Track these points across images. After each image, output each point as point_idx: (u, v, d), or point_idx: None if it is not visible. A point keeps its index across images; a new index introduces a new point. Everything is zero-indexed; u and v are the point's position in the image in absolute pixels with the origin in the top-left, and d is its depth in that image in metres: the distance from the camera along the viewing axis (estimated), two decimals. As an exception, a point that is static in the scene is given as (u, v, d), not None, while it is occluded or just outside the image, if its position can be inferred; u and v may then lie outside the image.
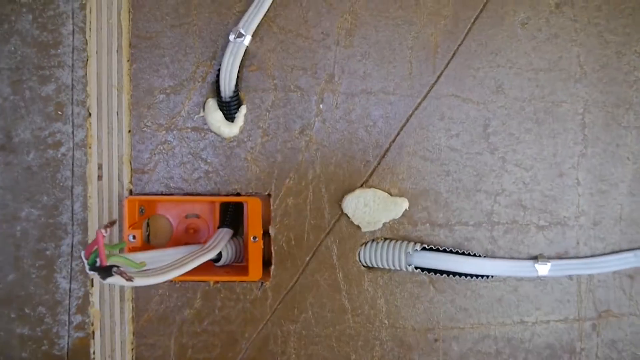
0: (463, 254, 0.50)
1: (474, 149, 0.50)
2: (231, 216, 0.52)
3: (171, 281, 0.50)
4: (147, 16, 0.48)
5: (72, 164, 0.49)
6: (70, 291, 0.50)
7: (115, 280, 0.37)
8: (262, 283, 0.50)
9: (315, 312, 0.50)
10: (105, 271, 0.37)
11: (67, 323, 0.50)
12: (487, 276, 0.50)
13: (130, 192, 0.49)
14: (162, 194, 0.49)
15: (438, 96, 0.50)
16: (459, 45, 0.50)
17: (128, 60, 0.49)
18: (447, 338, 0.51)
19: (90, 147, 0.49)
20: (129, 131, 0.49)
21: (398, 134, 0.50)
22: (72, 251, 0.50)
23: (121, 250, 0.46)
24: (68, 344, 0.50)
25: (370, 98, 0.49)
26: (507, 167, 0.50)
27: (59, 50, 0.49)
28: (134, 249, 0.48)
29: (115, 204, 0.49)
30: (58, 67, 0.49)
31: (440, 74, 0.50)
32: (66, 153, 0.49)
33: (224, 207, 0.54)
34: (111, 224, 0.36)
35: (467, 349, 0.51)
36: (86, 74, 0.49)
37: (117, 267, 0.36)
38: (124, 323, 0.50)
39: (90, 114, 0.49)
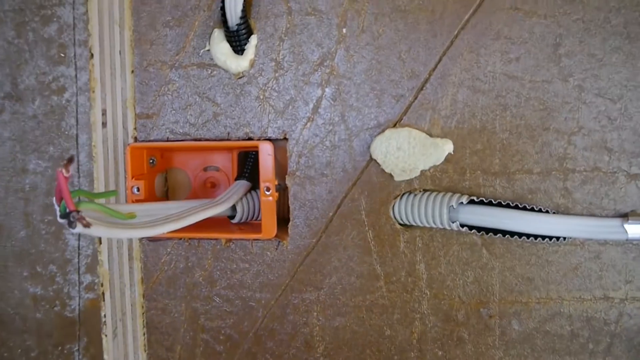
0: (525, 208, 0.40)
1: (540, 76, 0.39)
2: (250, 167, 0.46)
3: (179, 238, 0.44)
4: (147, -60, 0.43)
5: (77, 111, 0.45)
6: (79, 249, 0.46)
7: (81, 228, 0.32)
8: (279, 242, 0.43)
9: (342, 278, 0.42)
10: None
11: (77, 283, 0.47)
12: (559, 238, 0.40)
13: (135, 140, 0.44)
14: (167, 141, 0.44)
15: (492, 9, 0.39)
16: (519, -58, 0.39)
17: (129, -8, 0.44)
18: (505, 314, 0.41)
19: (93, 92, 0.45)
20: (132, 71, 0.44)
21: (440, 60, 0.40)
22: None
23: (108, 200, 0.42)
24: (79, 305, 0.47)
25: (404, 17, 0.40)
26: (586, 98, 0.39)
27: (60, -14, 0.45)
28: (137, 202, 0.43)
29: (121, 152, 0.45)
30: (59, 5, 0.45)
31: (495, -19, 0.39)
32: (70, 99, 0.45)
33: (243, 156, 0.48)
34: (69, 161, 0.31)
35: (532, 328, 0.41)
36: (87, 11, 0.45)
37: (78, 211, 0.31)
38: (133, 284, 0.46)
39: (92, 55, 0.45)
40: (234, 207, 0.44)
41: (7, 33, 0.45)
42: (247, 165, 0.46)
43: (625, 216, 0.39)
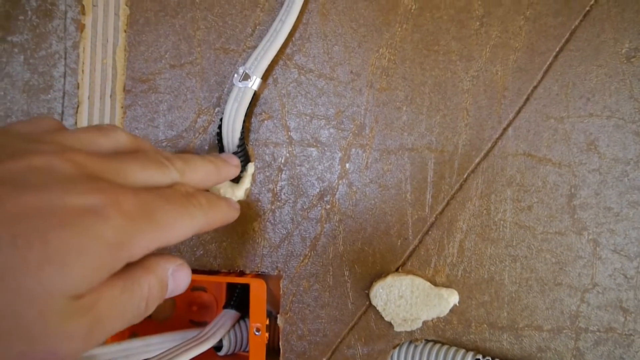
0: (534, 370, 0.37)
1: (553, 228, 0.37)
2: (238, 296, 0.43)
3: (159, 374, 0.41)
4: (144, 55, 0.41)
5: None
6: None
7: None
8: (267, 386, 0.40)
9: None
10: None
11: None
12: (569, 402, 0.37)
13: (119, 263, 0.41)
14: (153, 267, 0.41)
15: (504, 155, 0.37)
16: (535, 87, 0.37)
17: (122, 107, 0.41)
18: None
19: (77, 208, 0.42)
20: (120, 190, 0.41)
21: (448, 203, 0.38)
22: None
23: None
24: None
25: (411, 156, 0.38)
26: (602, 254, 0.37)
27: (49, 96, 0.43)
28: (115, 336, 0.40)
29: (102, 275, 0.42)
30: (47, 114, 0.42)
31: (508, 125, 0.37)
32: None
33: (232, 283, 0.45)
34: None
35: None
36: (76, 123, 0.42)
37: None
38: (107, 417, 0.42)
39: (78, 169, 0.42)
40: (221, 339, 0.41)
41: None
42: (235, 293, 0.43)
43: (640, 383, 0.36)
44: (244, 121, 0.38)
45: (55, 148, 0.23)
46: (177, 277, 0.27)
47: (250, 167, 0.40)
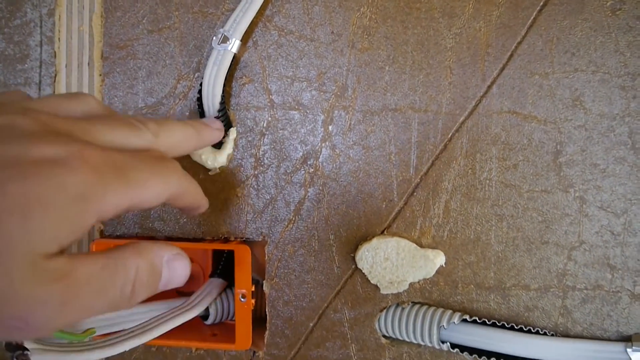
0: (521, 329, 0.37)
1: (539, 186, 0.37)
2: (224, 264, 0.43)
3: (145, 345, 0.41)
4: (121, 20, 0.40)
5: (39, 198, 0.42)
6: None
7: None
8: (254, 352, 0.40)
9: (321, 394, 0.39)
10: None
11: (33, 384, 0.43)
12: (557, 360, 0.37)
13: (102, 234, 0.41)
14: (136, 236, 0.41)
15: (488, 113, 0.37)
16: (519, 42, 0.37)
17: (100, 75, 0.40)
18: None
19: (58, 179, 0.41)
20: (100, 160, 0.41)
21: (432, 164, 0.37)
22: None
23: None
24: (35, 408, 0.43)
25: (395, 117, 0.37)
26: (588, 211, 0.36)
27: (26, 65, 0.42)
28: (101, 303, 0.40)
29: (86, 248, 0.41)
30: (25, 84, 0.42)
31: (492, 83, 0.37)
32: (32, 185, 0.42)
33: (218, 251, 0.44)
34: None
35: None
36: (54, 92, 0.41)
37: (24, 350, 0.28)
38: (94, 389, 0.42)
39: (58, 140, 0.41)
40: (207, 307, 0.41)
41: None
42: (221, 261, 0.42)
43: (628, 340, 0.36)
44: (224, 85, 0.38)
45: (19, 109, 0.23)
46: (173, 267, 0.27)
47: (232, 132, 0.39)
